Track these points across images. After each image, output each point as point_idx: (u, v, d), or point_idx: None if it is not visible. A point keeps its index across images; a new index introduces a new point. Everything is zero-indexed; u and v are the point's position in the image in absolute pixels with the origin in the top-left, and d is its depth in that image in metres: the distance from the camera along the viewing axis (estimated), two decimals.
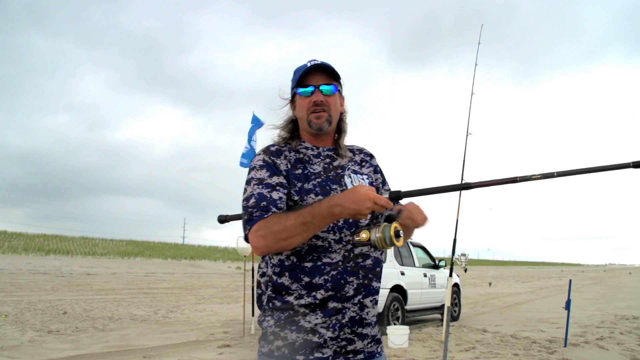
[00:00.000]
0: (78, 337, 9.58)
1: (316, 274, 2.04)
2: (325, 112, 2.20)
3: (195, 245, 78.59)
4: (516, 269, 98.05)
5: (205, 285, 27.87)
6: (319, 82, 2.21)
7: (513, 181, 1.90)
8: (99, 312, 13.38)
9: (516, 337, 9.92)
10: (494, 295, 23.35)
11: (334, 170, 2.22)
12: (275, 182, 2.08)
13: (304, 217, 1.91)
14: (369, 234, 1.94)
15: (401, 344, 8.81)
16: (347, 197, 1.87)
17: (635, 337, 9.92)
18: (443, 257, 13.80)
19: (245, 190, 2.11)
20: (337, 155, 2.29)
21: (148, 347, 8.77)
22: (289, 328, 2.04)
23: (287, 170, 2.14)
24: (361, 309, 2.11)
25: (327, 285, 2.04)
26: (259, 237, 1.96)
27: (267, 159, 2.15)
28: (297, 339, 2.03)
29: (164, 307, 15.26)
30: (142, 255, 56.03)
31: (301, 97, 2.22)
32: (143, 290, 22.65)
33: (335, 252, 2.08)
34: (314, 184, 2.14)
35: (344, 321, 2.07)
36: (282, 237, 1.92)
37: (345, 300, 2.06)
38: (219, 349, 8.70)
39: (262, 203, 2.01)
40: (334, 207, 1.87)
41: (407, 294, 11.38)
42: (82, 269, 37.91)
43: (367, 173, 2.34)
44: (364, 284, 2.11)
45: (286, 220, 1.93)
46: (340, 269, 2.07)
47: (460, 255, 45.51)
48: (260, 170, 2.12)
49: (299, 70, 2.25)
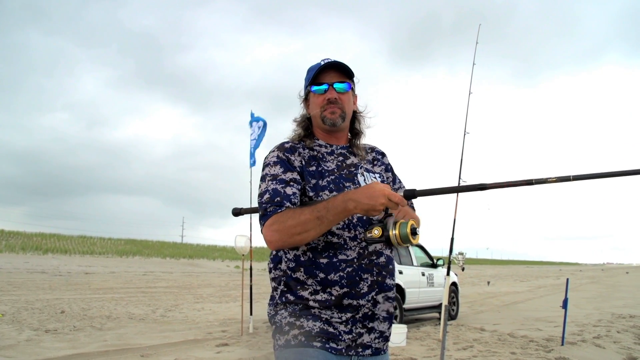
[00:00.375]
0: (76, 336, 9.57)
1: (332, 270, 2.08)
2: (339, 108, 2.23)
3: (194, 244, 78.52)
4: (514, 268, 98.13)
5: (203, 284, 27.86)
6: (333, 79, 2.24)
7: (529, 183, 1.90)
8: (97, 311, 13.37)
9: (514, 336, 9.94)
10: (492, 294, 23.38)
11: (347, 168, 2.26)
12: (289, 177, 2.11)
13: (318, 212, 1.94)
14: (382, 231, 1.97)
15: (399, 342, 8.82)
16: (362, 192, 1.90)
17: (631, 336, 9.94)
18: (441, 256, 13.81)
19: (260, 186, 2.16)
20: (350, 154, 2.33)
21: (146, 345, 8.77)
22: (305, 317, 2.08)
23: (301, 166, 2.17)
24: (374, 305, 2.15)
25: (342, 282, 2.08)
26: (273, 231, 2.00)
27: (281, 156, 2.18)
28: (313, 327, 2.06)
29: (162, 306, 15.25)
30: (141, 254, 55.96)
31: (315, 94, 2.26)
32: (141, 289, 22.63)
33: (350, 249, 2.11)
34: (328, 180, 2.18)
35: (358, 317, 2.11)
36: (296, 231, 1.96)
37: (359, 297, 2.10)
38: (217, 347, 8.70)
39: (276, 198, 2.05)
40: (348, 202, 1.90)
41: (405, 292, 11.42)
42: (80, 268, 37.86)
43: (379, 172, 2.38)
44: (378, 281, 2.16)
45: (300, 214, 1.96)
46: (355, 266, 2.10)
47: (458, 254, 45.45)
48: (275, 166, 2.15)
49: (312, 69, 2.28)
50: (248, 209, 2.69)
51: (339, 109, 2.23)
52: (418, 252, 13.11)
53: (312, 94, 2.27)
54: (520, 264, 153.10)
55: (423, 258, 13.29)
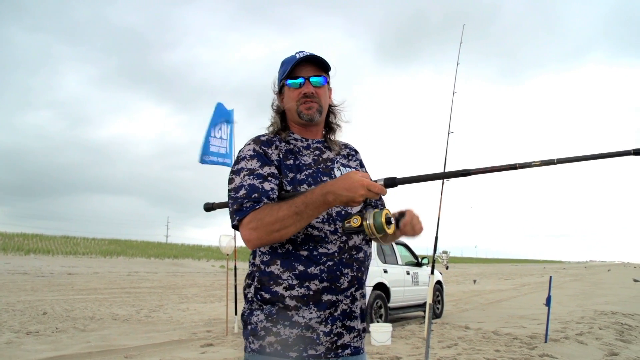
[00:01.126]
0: (58, 337, 9.48)
1: (312, 264, 2.01)
2: (316, 102, 2.18)
3: (179, 244, 78.11)
4: (499, 266, 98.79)
5: (188, 284, 27.74)
6: (309, 73, 2.19)
7: (512, 168, 1.86)
8: (80, 312, 13.25)
9: (498, 334, 9.99)
10: (477, 293, 23.51)
11: (323, 162, 2.21)
12: (267, 172, 2.04)
13: (296, 207, 1.88)
14: (361, 220, 1.91)
15: (384, 341, 8.83)
16: (340, 183, 1.85)
17: (613, 332, 10.03)
18: (426, 255, 13.86)
19: (233, 180, 2.06)
20: (326, 148, 2.27)
21: (130, 346, 8.71)
22: (282, 323, 2.00)
23: (278, 160, 2.11)
24: (352, 301, 2.10)
25: (322, 276, 2.01)
26: (251, 229, 1.93)
27: (257, 149, 2.11)
28: (290, 334, 1.99)
29: (147, 307, 15.15)
30: (125, 254, 55.54)
31: (290, 88, 2.20)
32: (125, 289, 22.47)
33: (331, 243, 2.05)
34: (306, 174, 2.12)
35: (336, 314, 2.04)
36: (274, 228, 1.89)
37: (339, 292, 2.04)
38: (201, 348, 8.65)
39: (254, 194, 1.97)
40: (327, 195, 1.85)
41: (390, 291, 11.43)
42: (63, 268, 37.51)
43: (354, 167, 2.33)
44: (357, 277, 2.11)
45: (278, 210, 1.89)
46: (336, 260, 2.04)
47: (442, 252, 45.73)
48: (251, 160, 2.07)
49: (287, 62, 2.23)
50: (221, 204, 2.61)
51: (315, 103, 2.18)
52: (403, 250, 13.14)
53: (287, 88, 2.21)
54: (505, 262, 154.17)
55: (408, 257, 13.32)
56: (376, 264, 11.25)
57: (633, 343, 9.04)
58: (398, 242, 12.94)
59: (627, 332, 10.09)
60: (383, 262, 11.64)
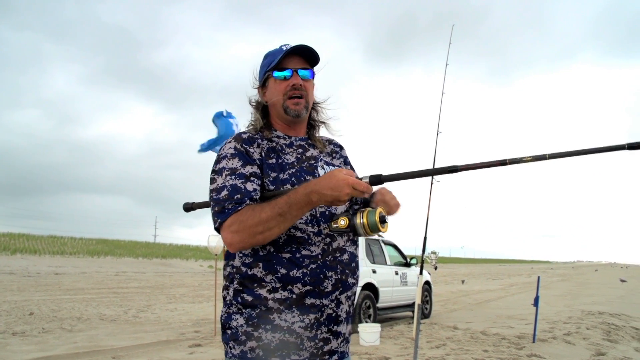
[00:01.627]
0: (45, 338, 9.40)
1: (294, 267, 1.95)
2: (303, 97, 2.12)
3: (167, 244, 77.64)
4: (487, 266, 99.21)
5: (176, 284, 27.61)
6: (297, 65, 2.13)
7: (503, 164, 1.80)
8: (67, 313, 13.15)
9: (486, 334, 10.02)
10: (465, 293, 23.59)
11: (307, 160, 2.15)
12: (249, 172, 1.97)
13: (279, 208, 1.82)
14: (348, 221, 1.86)
15: (373, 341, 8.83)
16: (325, 182, 1.80)
17: (600, 332, 10.10)
18: (414, 255, 13.88)
19: (215, 180, 1.99)
20: (309, 146, 2.21)
21: (117, 347, 8.65)
22: (263, 327, 1.94)
23: (260, 159, 2.04)
24: (337, 305, 2.03)
25: (305, 279, 1.95)
26: (233, 232, 1.86)
27: (239, 147, 2.03)
28: (272, 339, 1.93)
29: (135, 307, 15.07)
30: (112, 254, 55.16)
31: (277, 80, 2.12)
32: (113, 289, 22.34)
33: (314, 245, 1.99)
34: (290, 174, 2.05)
35: (321, 319, 1.98)
36: (257, 230, 1.83)
37: (323, 296, 1.98)
38: (189, 348, 8.62)
39: (236, 195, 1.90)
40: (310, 195, 1.80)
41: (378, 291, 11.44)
42: (50, 268, 37.22)
43: (338, 165, 2.28)
44: (342, 280, 2.04)
45: (261, 212, 1.83)
46: (319, 263, 1.98)
47: (431, 253, 45.83)
48: (233, 159, 2.00)
49: (273, 54, 2.16)
50: (201, 204, 2.52)
51: (302, 98, 2.12)
52: (391, 251, 13.15)
53: (273, 80, 2.13)
54: (493, 262, 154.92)
55: (396, 257, 13.34)
56: (365, 264, 11.26)
57: (620, 343, 9.10)
58: (386, 242, 12.97)
59: (614, 332, 10.16)
60: (372, 263, 11.65)
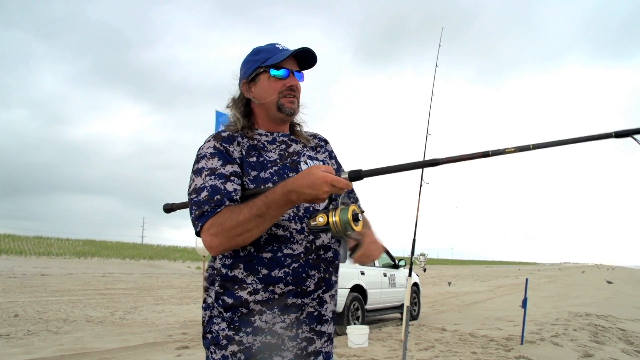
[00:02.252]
0: (30, 340, 9.30)
1: (275, 267, 1.92)
2: (296, 98, 2.11)
3: (154, 245, 77.33)
4: (475, 268, 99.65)
5: (164, 285, 27.46)
6: (293, 67, 2.11)
7: (485, 155, 1.76)
8: (53, 314, 13.03)
9: (474, 336, 10.04)
10: (453, 294, 23.65)
11: (290, 156, 2.11)
12: (229, 171, 1.93)
13: (258, 209, 1.78)
14: (326, 218, 1.80)
15: (361, 343, 8.81)
16: (303, 180, 1.75)
17: (587, 334, 10.15)
18: (403, 257, 13.89)
19: (194, 181, 1.94)
20: (292, 141, 2.17)
21: (104, 349, 8.58)
22: (244, 330, 1.91)
23: (240, 157, 1.99)
24: (320, 304, 2.01)
25: (287, 279, 1.92)
26: (212, 235, 1.82)
27: (218, 146, 1.99)
28: (254, 342, 1.91)
29: (122, 308, 14.96)
30: (99, 255, 54.85)
31: (273, 78, 2.08)
32: (100, 291, 22.18)
33: (297, 243, 1.95)
34: (271, 172, 2.01)
35: (302, 318, 1.95)
36: (236, 233, 1.79)
37: (305, 295, 1.95)
38: (177, 350, 8.56)
39: (216, 197, 1.86)
40: (289, 194, 1.76)
41: (367, 293, 11.43)
42: (36, 269, 36.90)
43: (322, 159, 2.24)
44: (325, 278, 2.01)
45: (239, 214, 1.79)
46: (302, 262, 1.95)
47: (420, 255, 45.98)
48: (212, 158, 1.96)
49: (269, 50, 2.12)
50: (180, 204, 2.47)
51: (296, 98, 2.11)
52: None
53: (268, 78, 2.09)
54: (481, 264, 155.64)
55: (385, 259, 13.34)
56: (353, 266, 11.24)
57: (607, 344, 9.15)
58: None
59: (601, 334, 10.21)
60: (360, 264, 11.63)
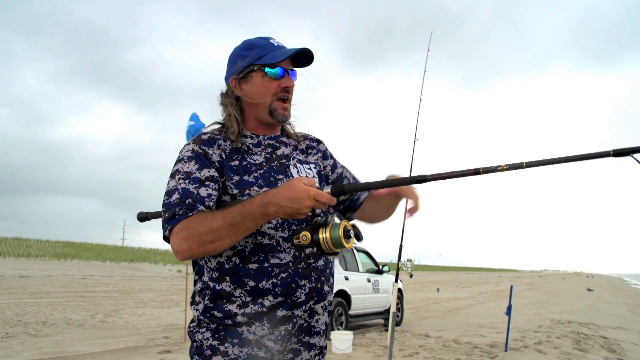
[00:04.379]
0: (8, 343, 9.15)
1: (263, 278, 1.81)
2: (289, 103, 2.02)
3: (135, 248, 76.66)
4: (456, 274, 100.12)
5: (145, 288, 27.24)
6: (287, 66, 2.00)
7: (476, 173, 1.66)
8: (32, 317, 12.84)
9: (458, 342, 10.05)
10: (435, 301, 23.71)
11: (277, 159, 2.00)
12: (205, 176, 1.83)
13: (232, 218, 1.68)
14: (310, 236, 1.70)
15: (345, 349, 8.78)
16: (283, 193, 1.64)
17: (570, 341, 10.19)
18: (387, 263, 13.90)
19: (168, 184, 1.85)
20: (280, 144, 2.06)
21: (84, 353, 8.47)
22: (229, 341, 1.82)
23: (220, 161, 1.89)
24: (311, 315, 1.90)
25: (276, 290, 1.82)
26: (181, 239, 1.71)
27: (197, 149, 1.89)
28: (239, 354, 1.81)
29: (102, 311, 14.80)
30: (80, 257, 54.28)
31: (267, 78, 1.97)
32: (80, 293, 21.94)
33: (284, 252, 1.85)
34: (256, 176, 1.90)
35: (292, 331, 1.86)
36: (207, 240, 1.69)
37: (295, 307, 1.85)
38: (159, 354, 8.46)
39: (187, 200, 1.76)
40: (267, 206, 1.65)
41: (351, 299, 11.41)
42: (15, 271, 36.39)
43: (314, 161, 2.12)
44: (316, 288, 1.90)
45: (212, 220, 1.69)
46: (290, 271, 1.84)
47: (407, 260, 46.01)
48: (189, 162, 1.86)
49: (263, 46, 2.00)
50: (155, 213, 2.36)
51: (289, 103, 2.02)
52: (364, 257, 13.15)
53: (262, 76, 1.98)
54: (462, 270, 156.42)
55: (369, 264, 13.33)
56: (337, 271, 11.22)
57: (590, 352, 9.19)
58: (359, 249, 12.95)
59: (584, 341, 10.27)
60: (344, 269, 11.63)
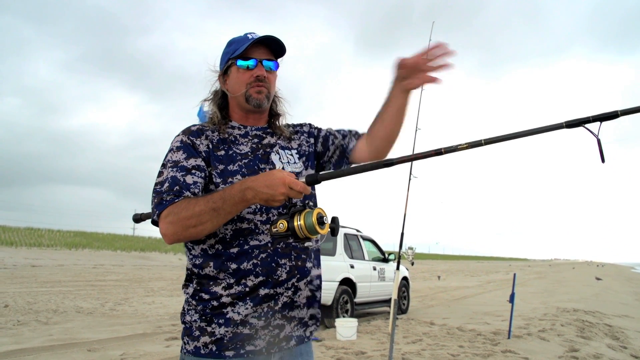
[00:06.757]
0: (19, 330, 9.30)
1: (244, 259, 1.92)
2: (266, 88, 2.10)
3: (146, 237, 77.04)
4: (465, 263, 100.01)
5: (154, 277, 27.44)
6: (262, 56, 2.10)
7: (438, 153, 1.77)
8: (43, 305, 13.02)
9: (462, 330, 10.12)
10: (443, 289, 23.76)
11: (262, 148, 2.11)
12: (192, 164, 1.95)
13: (214, 202, 1.77)
14: (287, 224, 1.76)
15: (349, 336, 8.88)
16: (261, 180, 1.73)
17: (574, 329, 10.25)
18: (392, 251, 13.94)
19: (161, 174, 1.97)
20: (267, 134, 2.16)
21: (93, 340, 8.59)
22: (216, 322, 1.91)
23: (207, 151, 2.01)
24: (295, 292, 2.00)
25: (257, 270, 1.92)
26: (168, 223, 1.82)
27: (185, 140, 2.02)
28: (226, 333, 1.91)
29: (112, 300, 14.96)
30: (91, 246, 54.64)
31: (240, 70, 2.09)
32: (90, 282, 22.14)
33: (262, 234, 1.95)
34: (240, 165, 2.01)
35: (276, 308, 1.95)
36: (190, 223, 1.79)
37: (278, 285, 1.94)
38: (166, 341, 8.59)
39: (175, 187, 1.88)
40: (246, 191, 1.74)
41: (356, 287, 11.48)
42: (27, 260, 36.74)
43: (296, 146, 2.21)
44: (297, 266, 2.00)
45: (195, 205, 1.79)
46: (270, 251, 1.94)
47: (408, 249, 46.04)
48: (177, 152, 1.99)
49: (238, 41, 2.12)
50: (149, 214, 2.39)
51: (265, 88, 2.09)
52: (370, 246, 13.20)
53: (237, 69, 2.10)
54: (472, 259, 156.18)
55: (375, 252, 13.38)
56: (342, 260, 11.30)
57: (593, 340, 9.25)
58: (365, 237, 13.02)
59: (588, 329, 10.32)
60: (350, 258, 11.69)
